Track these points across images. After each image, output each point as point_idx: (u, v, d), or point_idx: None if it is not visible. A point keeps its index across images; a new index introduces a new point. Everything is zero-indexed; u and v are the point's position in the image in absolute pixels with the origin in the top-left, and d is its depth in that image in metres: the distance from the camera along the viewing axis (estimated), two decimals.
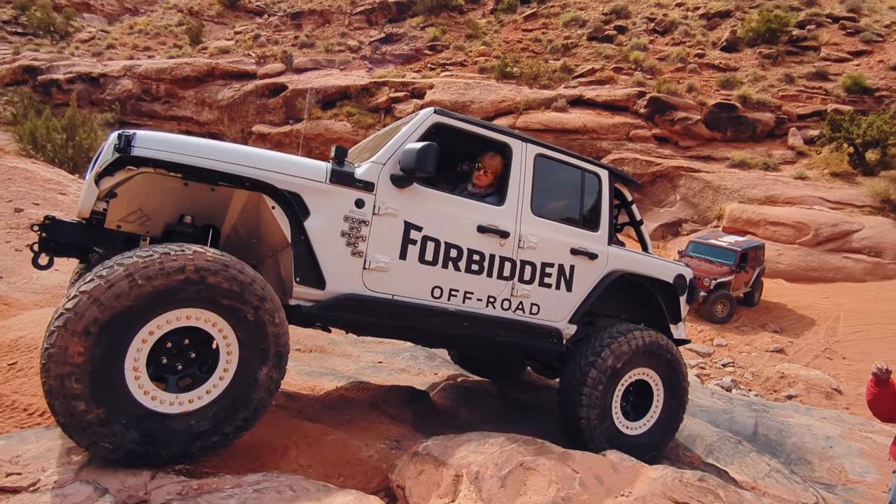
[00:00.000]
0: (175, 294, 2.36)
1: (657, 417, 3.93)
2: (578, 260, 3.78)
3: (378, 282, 3.09)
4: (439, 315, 3.26)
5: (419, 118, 3.32)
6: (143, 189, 2.86)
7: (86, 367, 2.19)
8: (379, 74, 25.48)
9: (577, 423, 3.58)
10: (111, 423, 2.24)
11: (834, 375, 10.67)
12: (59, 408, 2.19)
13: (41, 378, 2.20)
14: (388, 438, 3.14)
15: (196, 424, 2.43)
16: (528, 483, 2.21)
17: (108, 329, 2.24)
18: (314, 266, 2.90)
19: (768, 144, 19.93)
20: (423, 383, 4.62)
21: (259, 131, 24.60)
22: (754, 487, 4.12)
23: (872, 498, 4.38)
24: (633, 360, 3.74)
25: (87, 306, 2.22)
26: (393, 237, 3.12)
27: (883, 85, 20.31)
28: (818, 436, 5.20)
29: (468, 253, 3.34)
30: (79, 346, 2.18)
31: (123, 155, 2.53)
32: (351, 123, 23.70)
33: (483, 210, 3.46)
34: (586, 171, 3.99)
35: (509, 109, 22.53)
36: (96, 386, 2.22)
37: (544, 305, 3.66)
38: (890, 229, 15.90)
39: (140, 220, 2.99)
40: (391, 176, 3.10)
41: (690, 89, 20.95)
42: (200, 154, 2.67)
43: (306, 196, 2.87)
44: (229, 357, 2.52)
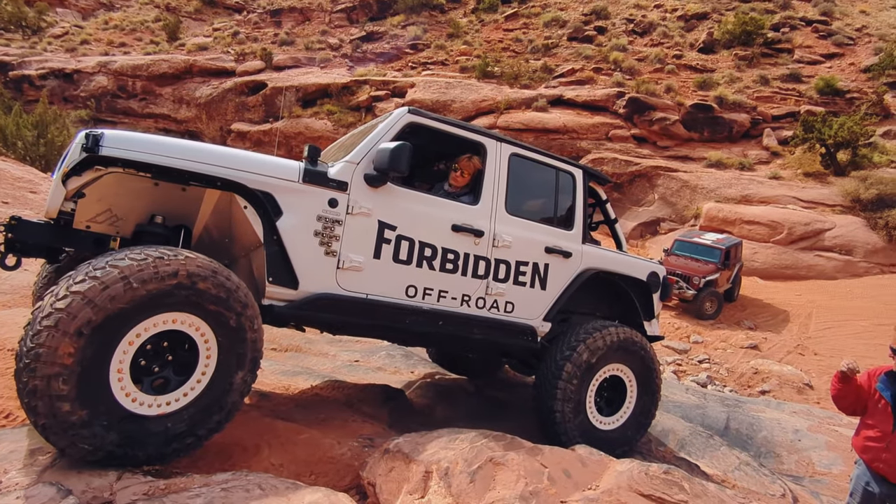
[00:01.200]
0: (166, 298, 2.37)
1: (630, 413, 3.98)
2: (553, 258, 3.81)
3: (352, 281, 3.08)
4: (414, 314, 3.27)
5: (393, 117, 3.32)
6: (113, 189, 2.80)
7: (74, 368, 2.18)
8: (360, 73, 25.37)
9: (552, 416, 3.62)
10: (93, 424, 2.23)
11: (805, 371, 10.90)
12: (41, 408, 2.15)
13: (21, 378, 2.16)
14: (362, 436, 3.15)
15: (172, 427, 2.43)
16: (497, 478, 2.24)
17: (100, 331, 2.23)
18: (287, 266, 2.88)
19: (744, 145, 20.27)
20: (399, 382, 4.63)
21: (238, 129, 24.35)
22: (724, 480, 4.20)
23: (838, 489, 4.49)
24: (608, 356, 3.79)
25: (81, 307, 2.20)
26: (367, 236, 3.11)
27: (854, 87, 20.77)
28: (787, 429, 5.31)
29: (442, 252, 3.35)
30: (69, 347, 2.16)
31: (91, 155, 2.48)
32: (332, 122, 23.57)
33: (457, 209, 3.47)
34: (560, 170, 4.02)
35: (490, 109, 22.59)
36: (83, 387, 2.20)
37: (519, 303, 3.69)
38: (860, 228, 16.27)
39: (110, 220, 2.93)
40: (365, 175, 3.09)
41: (668, 90, 21.22)
42: (170, 153, 2.63)
43: (279, 195, 2.84)
44: (208, 360, 2.53)
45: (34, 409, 2.16)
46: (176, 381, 2.48)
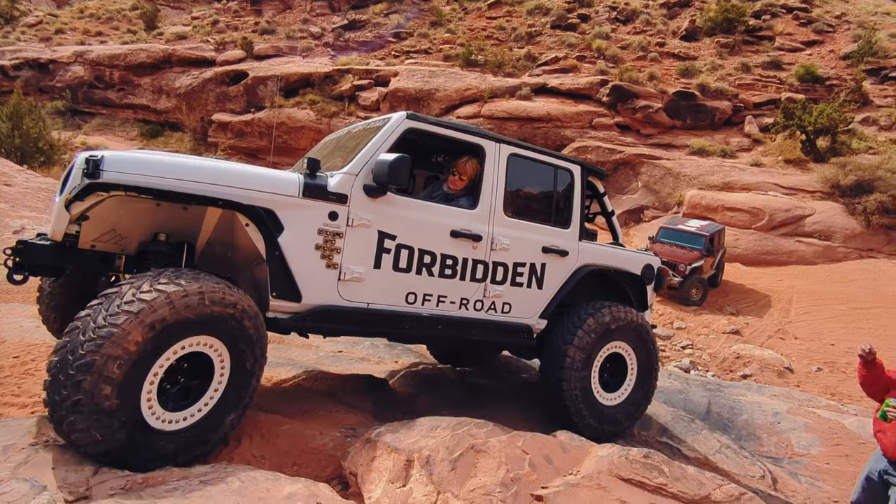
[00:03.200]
0: (219, 323, 2.52)
1: (632, 388, 4.09)
2: (549, 258, 3.85)
3: (353, 292, 3.12)
4: (413, 320, 3.33)
5: (392, 124, 3.30)
6: (116, 210, 2.84)
7: (133, 357, 2.28)
8: (342, 62, 25.11)
9: (559, 390, 3.72)
10: (114, 417, 2.27)
11: (786, 355, 11.09)
12: (87, 384, 2.21)
13: (78, 351, 2.21)
14: (345, 427, 3.13)
15: (165, 445, 2.45)
16: (478, 465, 2.24)
17: (166, 331, 2.37)
18: (289, 280, 2.91)
19: (726, 132, 20.42)
20: (383, 372, 4.62)
21: (219, 120, 24.02)
22: (705, 463, 4.26)
23: (815, 469, 4.58)
24: (611, 333, 3.90)
25: (162, 305, 2.34)
26: (367, 247, 3.13)
27: (834, 74, 20.99)
28: (767, 412, 5.40)
29: (441, 258, 3.38)
30: (139, 336, 2.29)
31: (93, 182, 2.49)
32: (314, 111, 23.33)
33: (456, 215, 3.48)
34: (559, 167, 4.03)
35: (474, 97, 22.51)
36: (128, 378, 2.29)
37: (516, 304, 3.75)
38: (839, 214, 16.51)
39: (114, 239, 2.97)
40: (364, 186, 3.10)
41: (651, 77, 21.27)
42: (170, 175, 2.63)
43: (279, 211, 2.85)
44: (216, 390, 2.61)
45: (78, 384, 2.20)
46: (181, 404, 2.55)
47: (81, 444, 2.28)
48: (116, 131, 24.24)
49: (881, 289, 14.69)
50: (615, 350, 4.00)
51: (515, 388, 4.65)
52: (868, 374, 3.46)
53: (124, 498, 2.05)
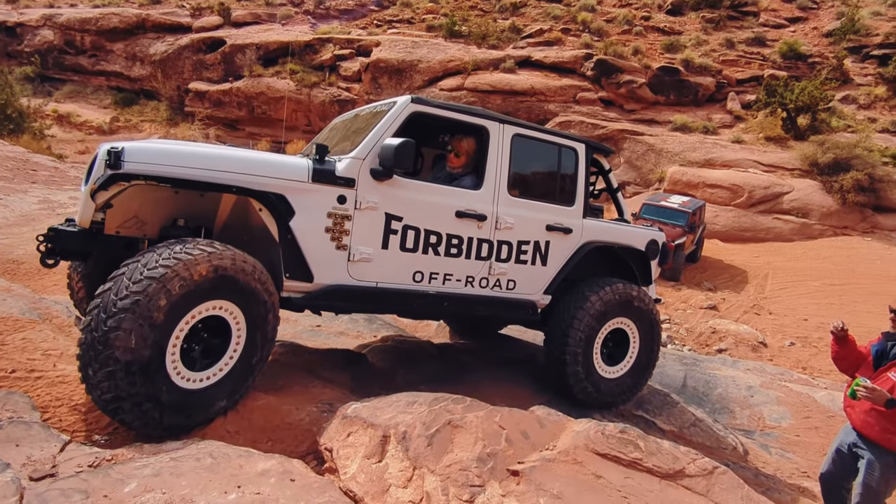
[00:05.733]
0: (236, 285, 2.69)
1: (632, 363, 4.21)
2: (553, 235, 3.94)
3: (362, 272, 3.26)
4: (420, 298, 3.47)
5: (396, 108, 3.38)
6: (137, 198, 3.04)
7: (161, 321, 2.45)
8: (323, 31, 24.52)
9: (562, 361, 3.87)
10: (141, 373, 2.42)
11: (760, 330, 11.30)
12: (119, 341, 2.36)
13: (120, 313, 2.37)
14: (322, 402, 3.10)
15: (209, 393, 2.70)
16: (455, 441, 2.23)
17: (189, 295, 2.54)
18: (301, 262, 3.08)
19: (709, 108, 20.45)
20: (361, 346, 4.59)
21: (196, 88, 23.38)
22: (679, 436, 4.33)
23: (786, 441, 4.69)
24: (615, 309, 4.00)
25: (186, 267, 2.53)
26: (375, 229, 3.26)
27: (816, 52, 21.04)
28: (741, 386, 5.50)
29: (447, 238, 3.49)
30: (164, 300, 2.45)
31: (115, 172, 2.66)
32: (294, 81, 22.84)
33: (461, 195, 3.57)
34: (563, 146, 4.07)
35: (457, 69, 22.19)
36: (158, 336, 2.46)
37: (520, 280, 3.85)
38: (816, 192, 16.73)
39: (137, 225, 3.14)
40: (371, 170, 3.21)
41: (636, 52, 21.13)
42: (187, 164, 2.79)
43: (290, 196, 3.00)
44: (231, 356, 2.80)
45: (108, 341, 2.34)
46: (203, 362, 2.73)
47: (108, 397, 2.40)
48: (89, 99, 23.50)
49: (854, 266, 15.00)
50: (618, 325, 4.11)
51: (496, 364, 4.65)
52: (840, 350, 3.52)
53: (91, 475, 2.00)
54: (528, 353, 5.06)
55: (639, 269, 4.40)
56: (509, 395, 4.02)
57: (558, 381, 3.97)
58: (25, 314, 3.68)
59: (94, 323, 2.42)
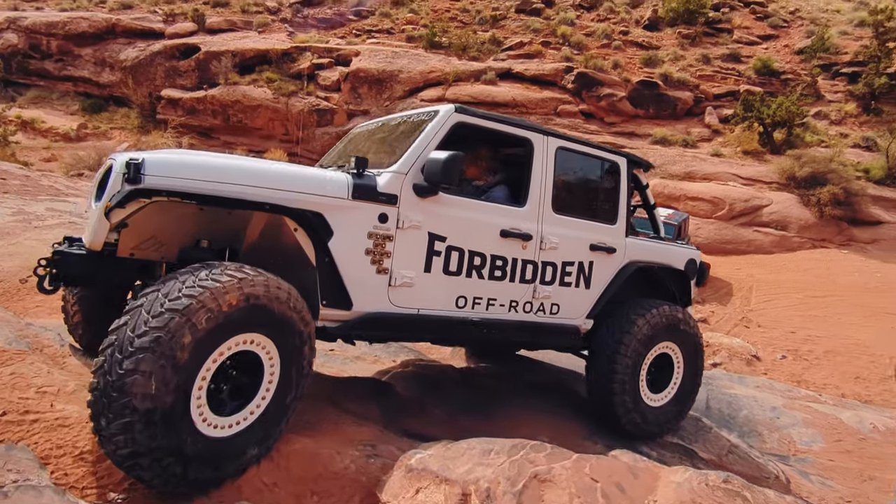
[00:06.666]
0: (269, 316, 2.37)
1: (676, 390, 4.02)
2: (597, 256, 3.71)
3: (403, 297, 2.97)
4: (463, 325, 3.19)
5: (440, 118, 3.10)
6: (157, 216, 2.63)
7: (185, 361, 2.12)
8: (300, 39, 24.11)
9: (609, 391, 3.64)
10: (162, 423, 2.09)
11: (752, 343, 11.30)
12: (157, 384, 2.05)
13: (138, 353, 2.04)
14: (362, 443, 2.78)
15: (240, 441, 2.36)
16: (545, 498, 1.95)
17: (217, 330, 2.21)
18: (340, 288, 2.80)
19: (687, 122, 20.71)
20: (381, 372, 4.27)
21: (169, 96, 22.66)
22: (720, 465, 4.12)
23: (821, 467, 4.52)
24: (662, 333, 3.81)
25: (213, 298, 2.21)
26: (417, 250, 2.98)
27: (788, 68, 21.58)
28: (765, 407, 5.34)
29: (491, 259, 3.23)
30: (188, 337, 2.12)
31: (135, 188, 2.34)
32: (272, 90, 22.34)
33: (505, 213, 3.32)
34: (605, 160, 3.86)
35: (438, 80, 22.05)
36: (182, 379, 2.13)
37: (564, 304, 3.61)
38: (794, 205, 17.02)
39: (154, 246, 2.75)
40: (414, 186, 2.93)
41: (616, 66, 21.32)
42: (214, 178, 2.47)
43: (329, 215, 2.71)
44: (264, 396, 2.47)
45: (125, 387, 2.01)
46: (231, 405, 2.39)
47: (123, 450, 2.07)
48: (55, 104, 22.55)
49: (834, 278, 15.24)
50: (663, 350, 3.89)
51: (525, 390, 4.39)
52: None
53: None
54: (553, 377, 4.81)
55: (677, 289, 4.20)
56: (552, 426, 3.76)
57: (604, 410, 3.72)
58: (12, 344, 3.26)
59: (107, 365, 2.06)
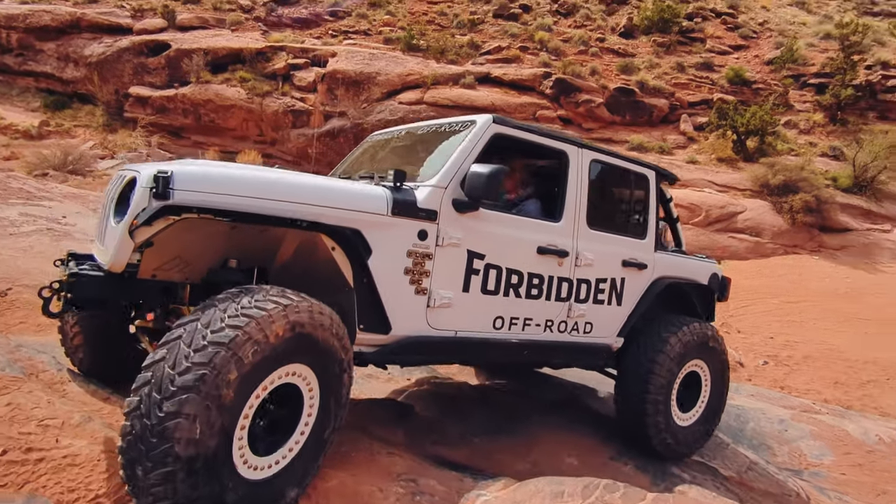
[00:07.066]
0: (313, 345, 2.22)
1: (703, 408, 3.98)
2: (629, 272, 3.62)
3: (441, 319, 2.82)
4: (500, 347, 3.07)
5: (478, 129, 2.97)
6: (183, 234, 2.43)
7: (231, 400, 1.95)
8: (275, 38, 23.62)
9: (642, 412, 3.56)
10: (205, 471, 1.90)
11: (734, 348, 11.46)
12: (201, 428, 1.87)
13: (181, 394, 1.84)
14: (402, 478, 2.61)
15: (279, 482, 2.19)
16: None
17: (260, 365, 2.04)
18: (378, 310, 2.61)
19: (663, 129, 21.02)
20: (396, 391, 4.09)
21: (137, 94, 21.89)
22: (741, 483, 4.07)
23: (835, 481, 4.52)
24: (693, 351, 3.74)
25: (283, 314, 2.10)
26: (456, 269, 2.84)
27: (759, 78, 22.13)
28: (772, 419, 5.34)
29: (528, 277, 3.10)
30: (234, 373, 1.95)
31: (166, 205, 2.15)
32: (245, 90, 21.79)
33: (541, 229, 3.20)
34: (635, 173, 3.79)
35: (416, 83, 21.86)
36: (226, 420, 1.96)
37: (597, 323, 3.50)
38: (767, 211, 17.41)
39: (178, 266, 2.53)
40: (454, 201, 2.78)
41: (593, 72, 21.52)
42: (249, 193, 2.30)
43: (367, 232, 2.56)
44: (303, 432, 2.30)
45: (166, 432, 1.81)
46: (268, 441, 2.22)
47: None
48: (14, 101, 21.56)
49: (807, 283, 15.61)
50: (693, 368, 3.83)
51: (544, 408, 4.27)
52: None
53: None
54: (567, 392, 4.70)
55: (701, 305, 4.13)
56: (576, 445, 3.66)
57: (635, 431, 3.63)
58: (5, 369, 2.98)
59: (144, 407, 1.86)
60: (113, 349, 3.19)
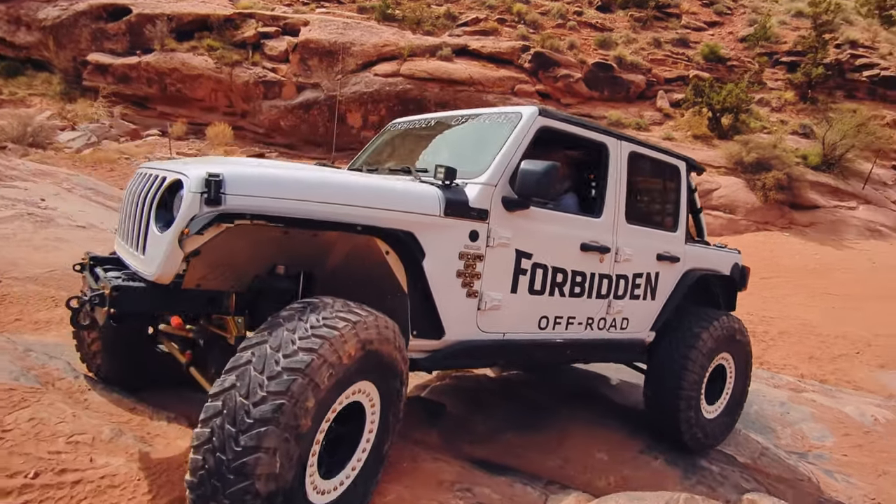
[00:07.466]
0: (380, 361, 2.12)
1: (728, 400, 4.02)
2: (662, 266, 3.58)
3: (491, 322, 2.72)
4: (545, 347, 3.01)
5: (525, 123, 2.83)
6: (232, 241, 2.22)
7: (308, 428, 1.84)
8: (244, 4, 22.66)
9: (675, 407, 3.55)
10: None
11: None
12: (281, 461, 1.74)
13: (258, 426, 1.71)
14: (456, 487, 2.55)
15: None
16: None
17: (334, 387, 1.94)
18: (432, 315, 2.55)
19: (640, 105, 21.10)
20: (419, 386, 4.01)
21: (97, 61, 20.79)
22: (756, 469, 4.15)
23: (838, 463, 4.67)
24: (722, 345, 3.74)
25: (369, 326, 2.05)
26: (505, 270, 2.73)
27: (733, 55, 22.33)
28: (773, 402, 5.47)
29: (572, 275, 3.03)
30: (312, 400, 1.82)
31: (220, 212, 1.97)
32: (213, 59, 20.92)
33: (585, 225, 3.12)
34: (667, 164, 3.69)
35: (392, 55, 21.34)
36: (302, 449, 1.84)
37: (633, 318, 3.45)
38: (742, 189, 17.76)
39: (224, 275, 2.32)
40: (503, 199, 2.66)
41: (571, 46, 21.36)
42: (305, 196, 2.15)
43: (420, 234, 2.43)
44: (364, 449, 2.23)
45: (246, 469, 1.67)
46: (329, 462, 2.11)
47: None
48: None
49: (778, 260, 16.07)
50: (720, 362, 3.83)
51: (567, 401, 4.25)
52: None
53: None
54: (583, 383, 4.69)
55: (723, 295, 4.15)
56: (604, 439, 3.65)
57: (666, 426, 3.63)
58: (19, 378, 2.78)
59: (217, 440, 1.71)
60: (132, 354, 3.01)
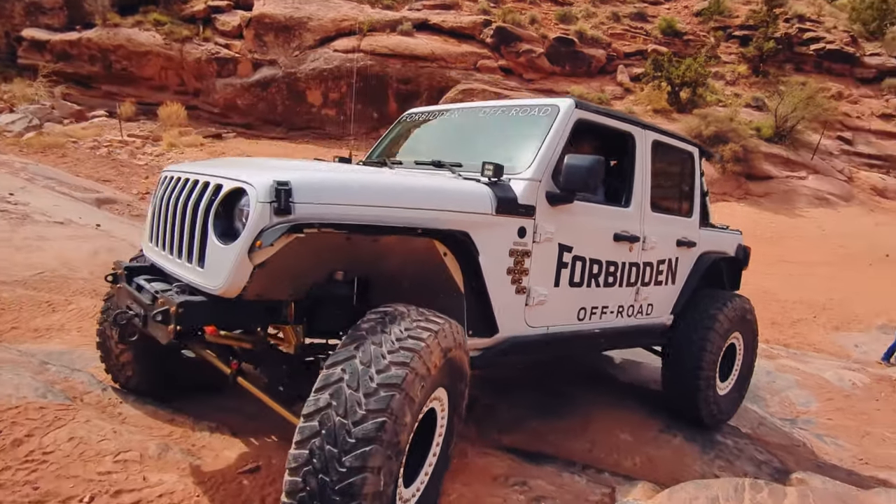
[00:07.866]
0: (454, 367, 2.14)
1: (737, 376, 4.18)
2: (681, 251, 3.68)
3: (537, 316, 2.76)
4: (583, 338, 3.07)
5: (563, 116, 2.82)
6: (298, 250, 2.09)
7: (405, 443, 1.83)
8: None
9: (695, 386, 3.67)
10: None
11: None
12: (385, 479, 1.72)
13: (362, 446, 1.66)
14: (511, 482, 2.59)
15: None
16: None
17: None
18: (487, 313, 2.53)
19: (601, 80, 21.32)
20: None
21: (32, 37, 19.47)
22: (757, 438, 4.39)
23: (824, 427, 4.97)
24: (735, 326, 3.88)
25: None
26: (549, 264, 2.77)
27: (689, 30, 22.76)
28: (760, 371, 5.74)
29: (606, 266, 3.09)
30: (408, 415, 1.80)
31: (292, 223, 1.91)
32: (161, 34, 19.92)
33: (616, 215, 3.18)
34: (683, 151, 3.76)
35: (351, 30, 20.79)
36: (399, 464, 1.84)
37: (656, 303, 3.55)
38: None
39: (284, 284, 2.21)
40: (547, 194, 2.69)
41: (533, 21, 21.30)
42: (370, 202, 2.13)
43: (474, 233, 2.41)
44: (434, 453, 2.23)
45: (353, 490, 1.64)
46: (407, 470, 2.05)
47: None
48: None
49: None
50: (732, 341, 4.00)
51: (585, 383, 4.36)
52: None
53: None
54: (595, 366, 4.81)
55: (728, 276, 4.31)
56: (625, 421, 3.79)
57: (686, 405, 3.79)
58: (46, 395, 2.66)
59: (318, 462, 1.65)
60: (164, 363, 2.90)
